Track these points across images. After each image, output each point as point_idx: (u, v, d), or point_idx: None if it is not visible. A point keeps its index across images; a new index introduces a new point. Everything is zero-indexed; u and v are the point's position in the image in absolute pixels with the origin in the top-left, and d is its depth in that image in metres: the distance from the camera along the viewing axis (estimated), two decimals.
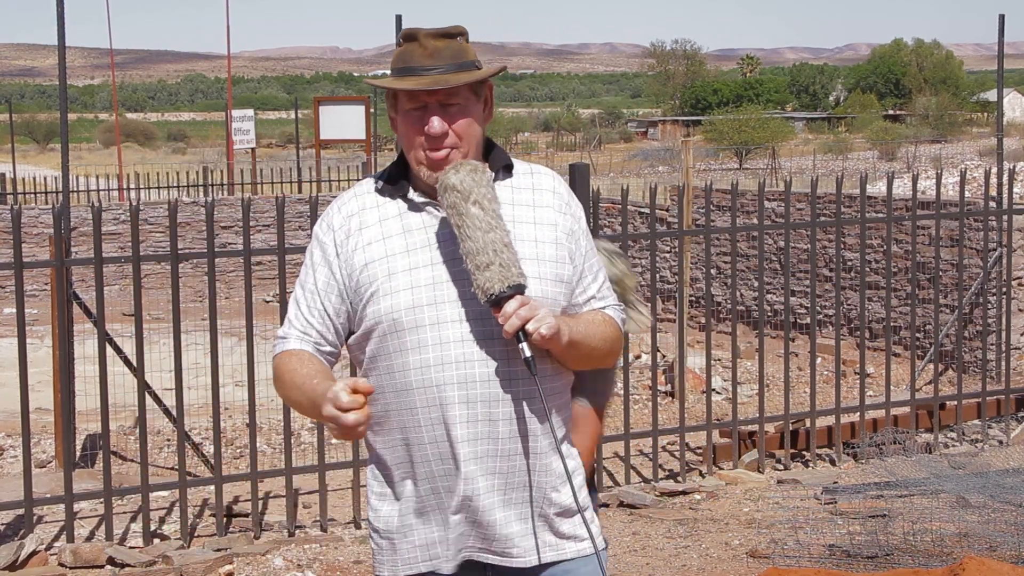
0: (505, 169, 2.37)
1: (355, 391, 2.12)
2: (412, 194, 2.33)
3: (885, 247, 7.19)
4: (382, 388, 2.32)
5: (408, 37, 2.29)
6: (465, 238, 2.18)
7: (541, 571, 2.36)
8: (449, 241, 2.26)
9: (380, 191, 2.36)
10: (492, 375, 2.25)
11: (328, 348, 2.39)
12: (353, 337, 2.37)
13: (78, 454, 6.89)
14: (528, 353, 2.18)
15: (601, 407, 3.39)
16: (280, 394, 2.41)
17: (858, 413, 7.06)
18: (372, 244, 2.31)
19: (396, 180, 2.36)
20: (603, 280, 2.44)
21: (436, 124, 2.25)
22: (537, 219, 2.34)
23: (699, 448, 7.13)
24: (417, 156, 2.29)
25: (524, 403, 2.28)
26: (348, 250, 2.33)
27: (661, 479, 6.69)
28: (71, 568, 5.33)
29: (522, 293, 2.19)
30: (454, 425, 2.26)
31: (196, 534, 5.84)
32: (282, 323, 2.50)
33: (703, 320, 10.80)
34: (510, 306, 2.16)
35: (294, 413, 6.14)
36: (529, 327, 2.16)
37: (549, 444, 2.33)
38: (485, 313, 2.23)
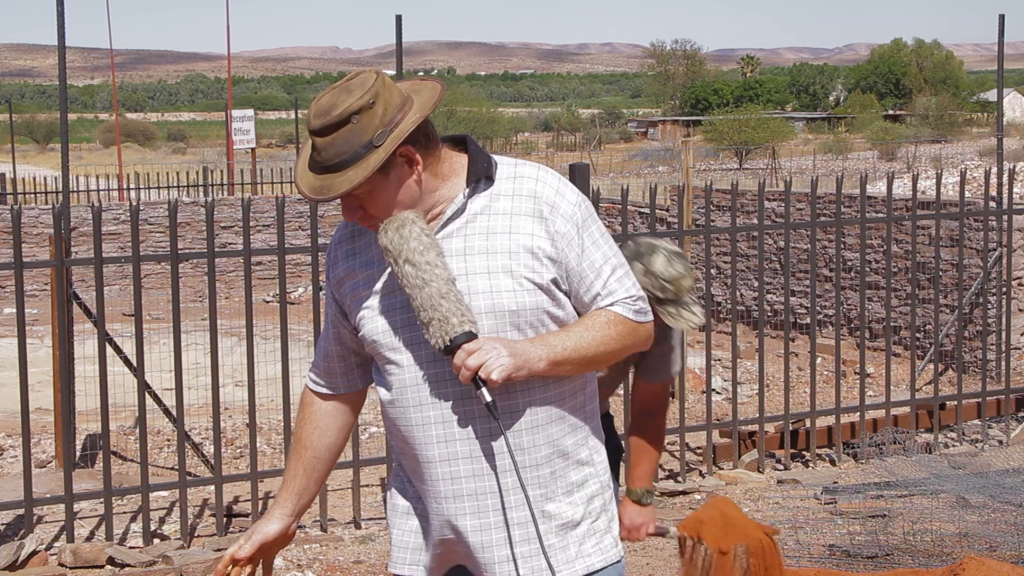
0: (486, 179, 2.29)
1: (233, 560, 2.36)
2: None
3: (885, 247, 7.19)
4: (385, 407, 2.36)
5: (309, 128, 2.21)
6: (409, 297, 2.19)
7: None
8: None
9: None
10: (466, 394, 2.23)
11: (339, 367, 2.45)
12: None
13: (78, 454, 6.89)
14: (488, 398, 2.16)
15: (660, 381, 3.59)
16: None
17: (858, 413, 7.06)
18: (358, 270, 2.32)
19: None
20: (609, 274, 2.32)
21: (346, 214, 2.27)
22: (513, 228, 2.26)
23: (699, 448, 7.13)
24: None
25: (504, 419, 2.24)
26: (336, 276, 2.37)
27: (661, 479, 6.69)
28: (71, 568, 5.33)
29: (473, 338, 2.16)
30: (431, 445, 2.26)
31: (196, 534, 5.84)
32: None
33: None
34: (457, 358, 2.14)
35: (294, 413, 6.13)
36: (481, 374, 2.14)
37: (549, 455, 2.29)
38: None
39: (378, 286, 2.29)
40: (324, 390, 2.46)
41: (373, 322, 2.29)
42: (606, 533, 2.36)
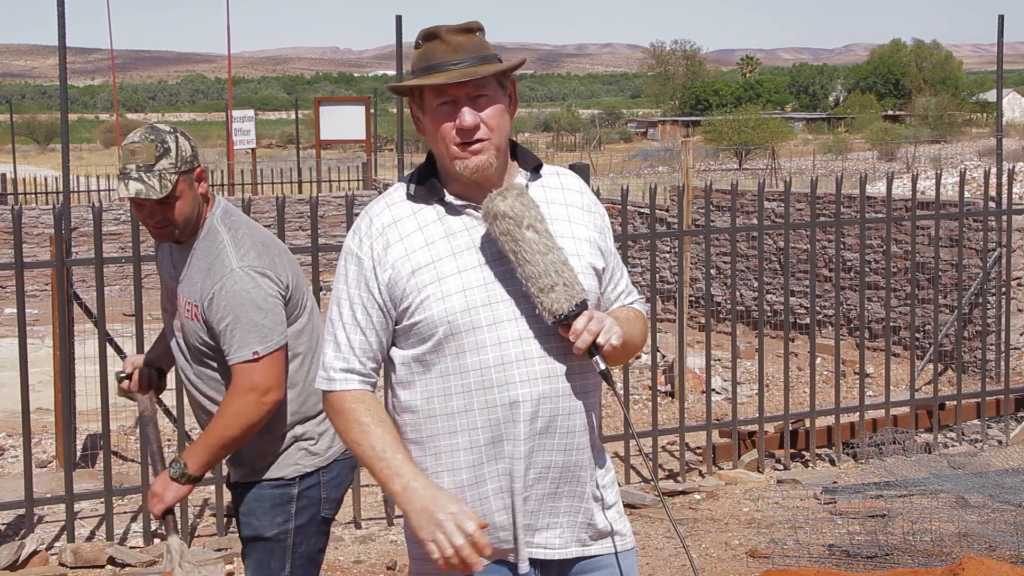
0: (534, 170, 2.39)
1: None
2: (448, 197, 2.30)
3: (885, 247, 7.19)
4: (431, 393, 2.28)
5: (429, 36, 2.26)
6: (524, 263, 2.19)
7: (574, 565, 2.39)
8: (495, 241, 2.24)
9: (413, 198, 2.32)
10: (553, 372, 2.27)
11: (372, 365, 2.34)
12: (399, 346, 2.32)
13: (79, 454, 6.89)
14: (603, 366, 2.22)
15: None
16: (343, 438, 2.31)
17: (858, 413, 7.07)
18: (416, 251, 2.27)
19: (428, 185, 2.32)
20: (627, 276, 2.51)
21: (468, 116, 2.23)
22: (571, 218, 2.37)
23: (699, 448, 7.13)
24: (451, 152, 2.25)
25: (581, 398, 2.31)
26: (388, 261, 2.28)
27: (661, 479, 6.69)
28: (72, 568, 5.33)
29: (586, 308, 2.21)
30: (516, 423, 2.25)
31: (196, 534, 5.84)
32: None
33: (703, 320, 10.80)
34: (579, 323, 2.19)
35: None
36: (600, 340, 2.20)
37: (591, 439, 2.37)
38: None
39: (447, 267, 2.26)
40: (366, 386, 2.32)
41: (446, 303, 2.23)
42: (624, 519, 2.47)
